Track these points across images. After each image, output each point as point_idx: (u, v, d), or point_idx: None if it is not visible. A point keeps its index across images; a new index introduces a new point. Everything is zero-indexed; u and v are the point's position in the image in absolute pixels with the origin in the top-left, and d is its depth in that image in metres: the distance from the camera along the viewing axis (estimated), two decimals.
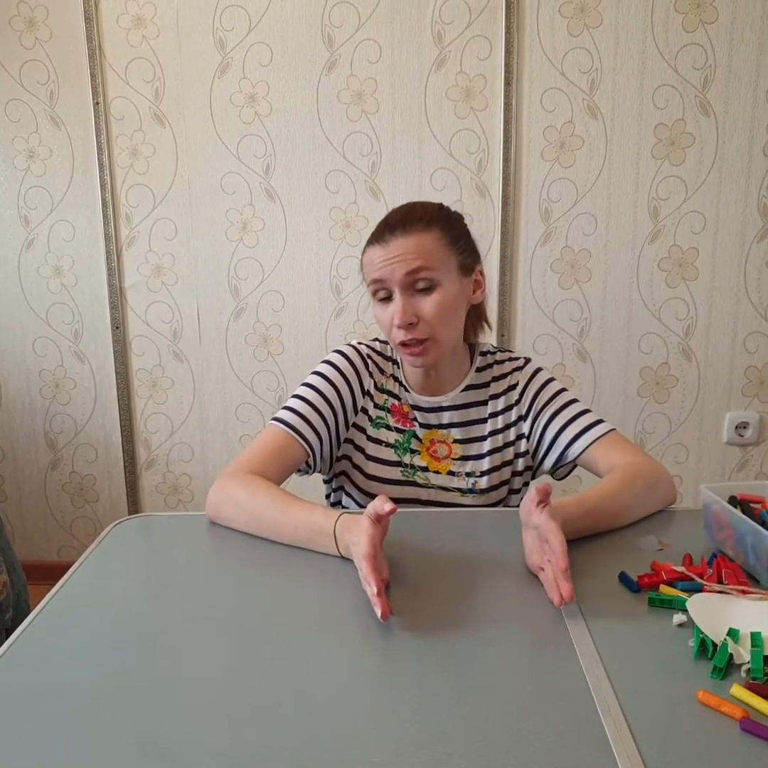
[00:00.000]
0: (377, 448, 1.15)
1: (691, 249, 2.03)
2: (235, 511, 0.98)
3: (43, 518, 2.37)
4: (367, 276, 1.08)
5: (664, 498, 1.05)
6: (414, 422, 1.15)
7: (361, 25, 1.97)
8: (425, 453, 1.15)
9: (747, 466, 2.16)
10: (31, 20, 2.05)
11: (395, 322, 1.04)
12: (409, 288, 1.04)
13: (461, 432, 1.16)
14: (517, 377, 1.17)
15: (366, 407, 1.15)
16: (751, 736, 0.58)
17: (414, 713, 0.61)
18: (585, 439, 1.11)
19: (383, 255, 1.04)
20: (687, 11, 1.90)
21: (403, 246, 1.03)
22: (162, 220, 2.13)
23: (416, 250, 1.03)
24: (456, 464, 1.15)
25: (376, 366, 1.17)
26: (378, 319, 1.09)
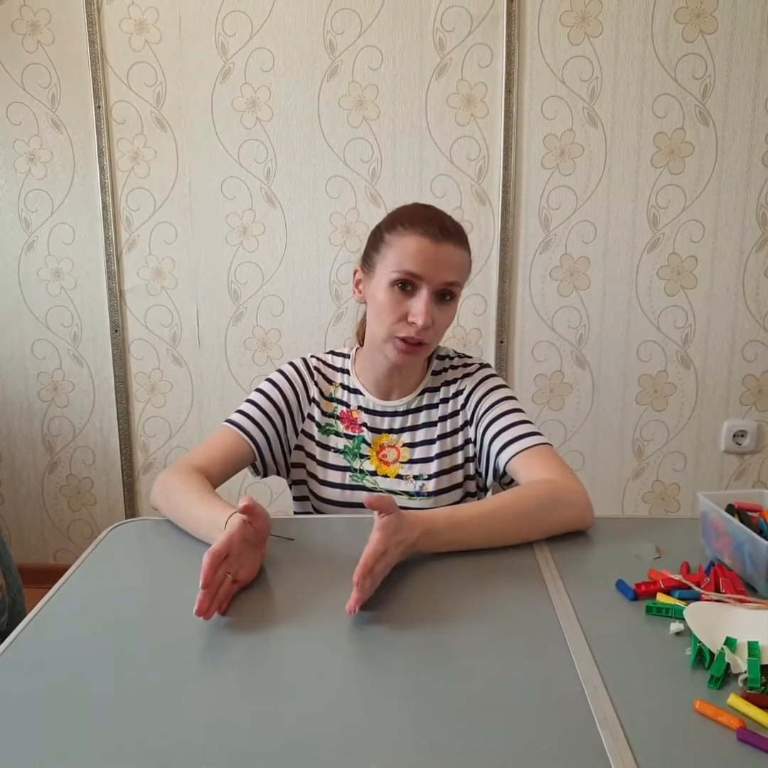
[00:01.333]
0: (325, 453, 1.18)
1: (689, 257, 2.04)
2: (166, 506, 1.04)
3: (39, 521, 2.37)
4: (398, 261, 1.04)
5: (564, 521, 0.98)
6: (362, 428, 1.17)
7: (363, 31, 1.98)
8: (375, 457, 1.17)
9: (745, 475, 2.16)
10: (34, 24, 2.05)
11: (417, 321, 1.02)
12: (435, 293, 1.04)
13: (411, 435, 1.17)
14: (465, 382, 1.17)
15: (312, 414, 1.19)
16: (748, 747, 0.57)
17: (410, 722, 0.61)
18: (511, 449, 1.08)
19: (434, 254, 1.03)
20: (687, 21, 1.91)
21: (453, 255, 1.05)
22: (162, 223, 2.13)
23: (459, 264, 1.06)
24: (404, 467, 1.16)
25: (323, 377, 1.21)
26: (384, 304, 1.05)
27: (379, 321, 1.08)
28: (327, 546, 0.97)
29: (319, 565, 0.90)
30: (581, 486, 1.01)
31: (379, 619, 0.78)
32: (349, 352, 1.23)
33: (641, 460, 2.17)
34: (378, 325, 1.08)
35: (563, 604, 0.80)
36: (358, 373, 1.19)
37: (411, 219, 1.06)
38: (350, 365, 1.21)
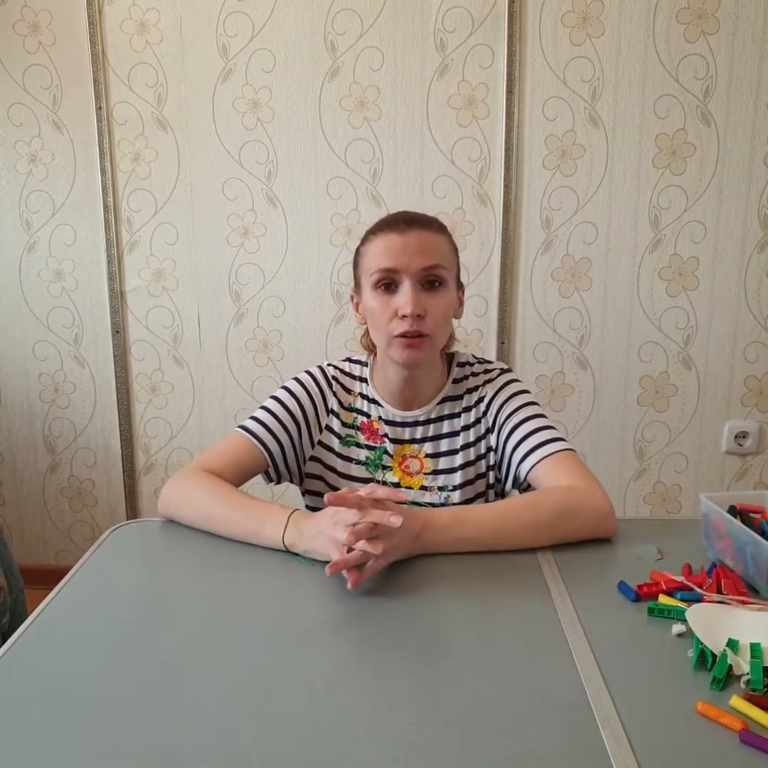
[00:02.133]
0: (347, 465, 1.16)
1: (691, 258, 2.04)
2: (185, 508, 1.02)
3: (41, 522, 2.37)
4: (371, 264, 1.05)
5: (583, 529, 0.96)
6: (384, 438, 1.15)
7: (364, 32, 1.98)
8: (397, 468, 1.15)
9: (746, 476, 2.16)
10: (35, 25, 2.05)
11: (405, 311, 1.01)
12: (418, 282, 1.03)
13: (434, 446, 1.15)
14: (486, 389, 1.15)
15: (331, 425, 1.17)
16: (751, 748, 0.57)
17: (411, 723, 0.61)
18: (534, 456, 1.06)
19: (400, 243, 1.02)
20: (689, 22, 1.91)
21: (423, 239, 1.03)
22: (163, 224, 2.13)
23: (435, 247, 1.04)
24: (428, 479, 1.14)
25: (341, 386, 1.18)
26: (375, 309, 1.05)
27: (376, 328, 1.08)
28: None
29: (322, 565, 0.90)
30: (605, 493, 0.99)
31: (379, 619, 0.78)
32: (366, 359, 1.20)
33: (643, 461, 2.17)
34: (377, 333, 1.08)
35: (565, 605, 0.80)
36: (376, 383, 1.17)
37: (378, 224, 1.08)
38: (368, 373, 1.18)
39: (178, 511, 1.03)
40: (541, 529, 0.95)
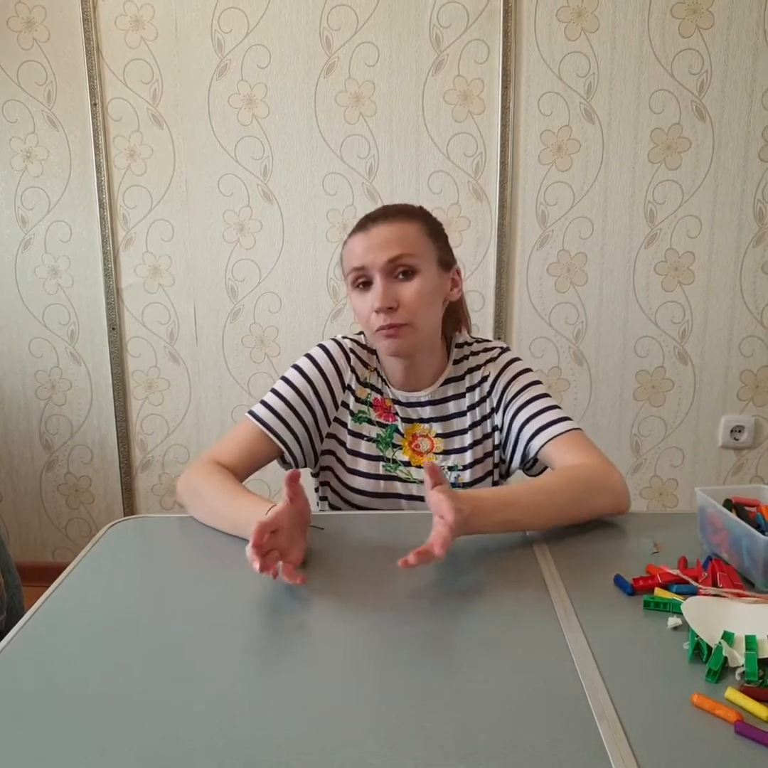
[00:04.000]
0: (357, 441, 1.16)
1: (687, 253, 2.04)
2: (198, 505, 1.03)
3: (37, 519, 2.37)
4: (347, 265, 1.09)
5: (603, 505, 1.00)
6: (396, 416, 1.16)
7: (360, 27, 1.97)
8: (407, 447, 1.16)
9: (742, 470, 2.17)
10: (29, 21, 2.05)
11: (375, 305, 1.04)
12: (389, 275, 1.04)
13: (442, 426, 1.16)
14: (489, 368, 1.16)
15: (347, 402, 1.16)
16: (746, 740, 0.58)
17: (410, 716, 0.61)
18: (544, 435, 1.08)
19: (365, 241, 1.05)
20: (683, 17, 1.91)
21: (385, 233, 1.04)
22: (159, 221, 2.13)
23: (398, 237, 1.05)
24: (438, 458, 1.15)
25: (359, 360, 1.17)
26: (356, 308, 1.09)
27: (362, 326, 1.11)
28: (329, 542, 0.97)
29: (319, 562, 0.90)
30: (618, 471, 1.03)
31: (379, 617, 0.78)
32: None
33: (639, 456, 2.17)
34: (364, 330, 1.12)
35: (561, 599, 0.80)
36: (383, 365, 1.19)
37: (353, 228, 1.10)
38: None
39: (186, 504, 1.05)
40: (576, 506, 0.98)
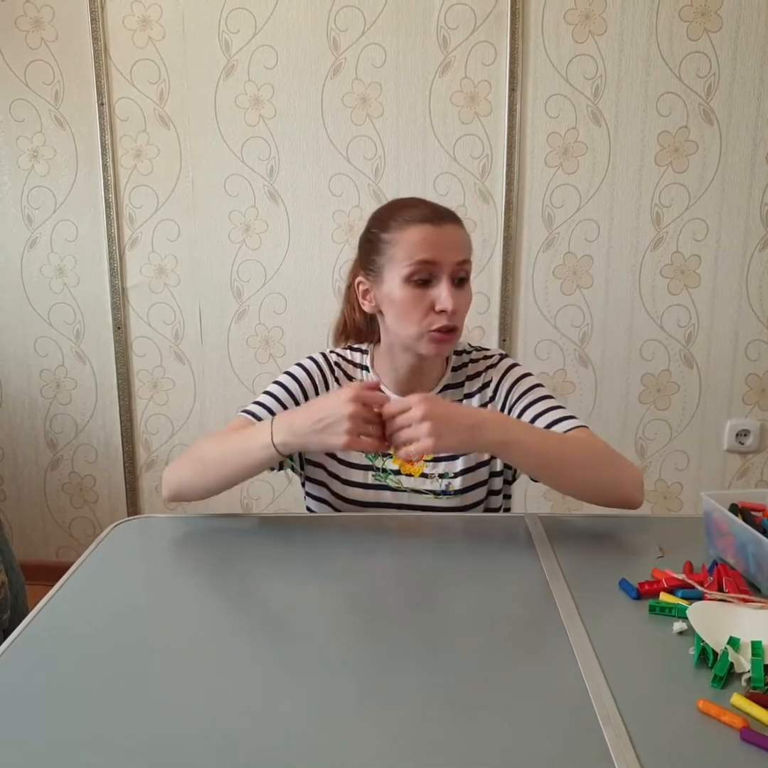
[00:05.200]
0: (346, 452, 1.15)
1: (693, 256, 2.03)
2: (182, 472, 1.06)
3: (42, 518, 2.37)
4: (407, 254, 1.03)
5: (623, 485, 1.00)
6: None
7: (367, 29, 1.97)
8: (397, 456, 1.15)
9: (747, 474, 2.16)
10: (37, 20, 2.05)
11: (447, 307, 1.01)
12: (451, 277, 1.04)
13: None
14: (491, 374, 1.16)
15: None
16: (752, 746, 0.57)
17: (412, 719, 0.61)
18: (555, 430, 1.08)
19: (437, 236, 1.03)
20: (691, 19, 1.91)
21: (457, 234, 1.05)
22: (165, 221, 2.13)
23: (465, 241, 1.07)
24: (429, 466, 1.14)
25: (343, 373, 1.18)
26: (406, 302, 1.04)
27: (404, 321, 1.06)
28: (332, 542, 0.97)
29: (320, 562, 0.90)
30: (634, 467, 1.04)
31: (379, 616, 0.78)
32: (367, 347, 1.20)
33: (644, 459, 2.17)
34: (404, 325, 1.06)
35: (566, 603, 0.80)
36: (378, 371, 1.17)
37: (402, 212, 1.06)
38: (368, 361, 1.19)
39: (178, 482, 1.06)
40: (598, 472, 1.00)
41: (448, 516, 1.09)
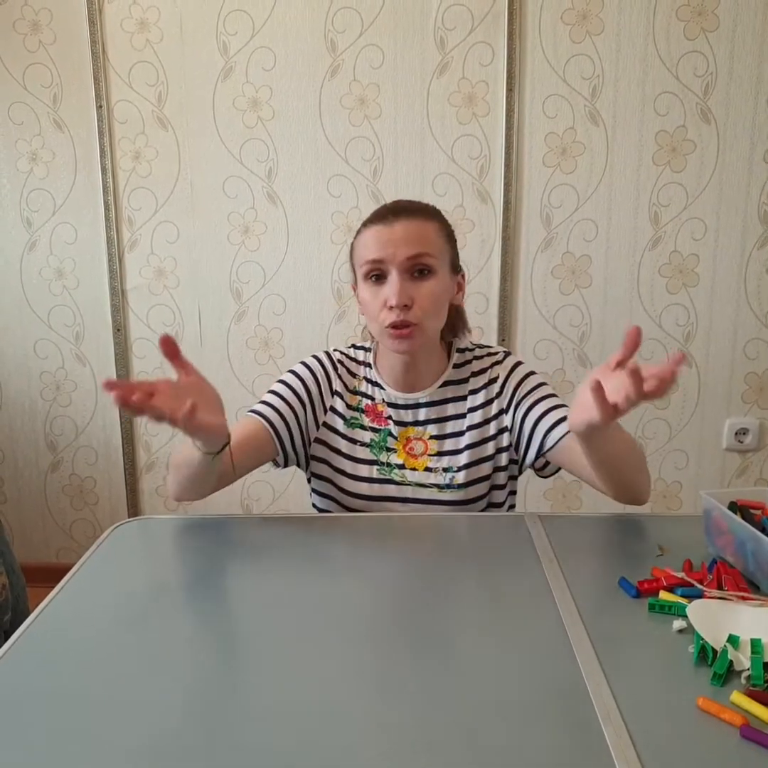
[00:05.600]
0: (351, 446, 1.17)
1: (691, 255, 2.04)
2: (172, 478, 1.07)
3: (42, 520, 2.37)
4: (361, 256, 1.08)
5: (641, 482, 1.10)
6: (388, 421, 1.17)
7: (364, 30, 1.98)
8: (402, 450, 1.16)
9: (747, 472, 2.16)
10: (35, 23, 2.05)
11: (391, 302, 1.04)
12: (406, 272, 1.05)
13: (438, 428, 1.16)
14: (497, 371, 1.17)
15: (335, 406, 1.18)
16: (751, 744, 0.58)
17: (412, 719, 0.61)
18: (561, 428, 1.08)
19: (387, 235, 1.04)
20: (688, 19, 1.91)
21: (407, 229, 1.05)
22: (164, 223, 2.13)
23: (420, 235, 1.05)
24: (432, 460, 1.15)
25: (346, 370, 1.20)
26: (366, 301, 1.09)
27: (368, 319, 1.11)
28: (333, 542, 0.97)
29: (319, 563, 0.91)
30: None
31: (379, 615, 0.78)
32: (371, 345, 1.22)
33: None
34: (369, 323, 1.12)
35: (566, 601, 0.80)
36: (379, 367, 1.19)
37: (369, 217, 1.11)
38: (371, 358, 1.21)
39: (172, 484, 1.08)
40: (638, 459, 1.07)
41: (447, 515, 1.09)
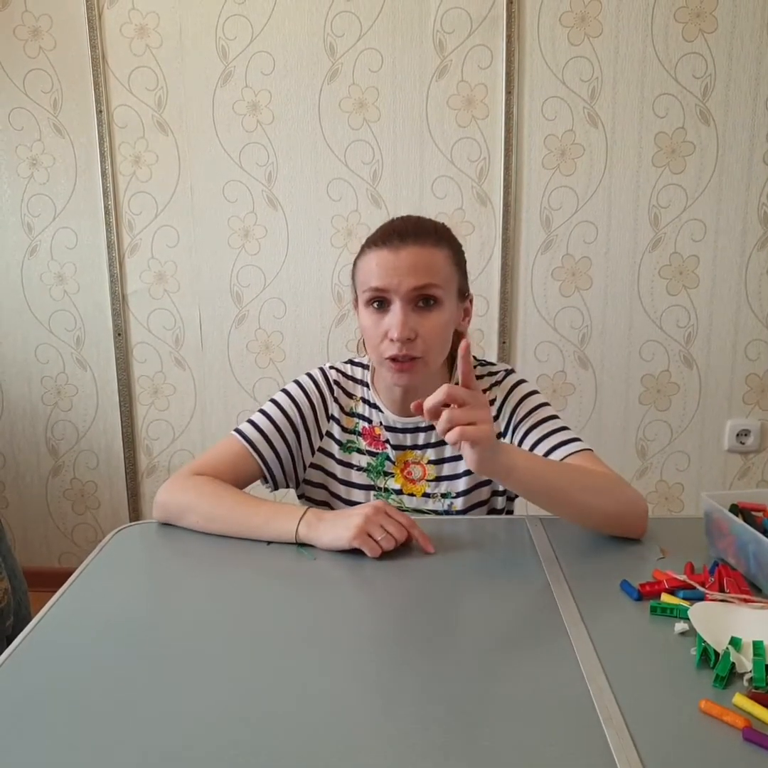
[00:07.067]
0: (347, 471, 1.14)
1: (691, 257, 2.04)
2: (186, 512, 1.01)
3: (44, 525, 2.37)
4: (364, 280, 1.02)
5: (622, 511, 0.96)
6: (386, 444, 1.13)
7: (363, 34, 1.98)
8: (399, 475, 1.13)
9: (748, 474, 2.16)
10: (36, 29, 2.06)
11: (393, 335, 0.98)
12: (410, 302, 0.99)
13: (437, 452, 1.12)
14: (495, 392, 1.12)
15: (331, 431, 1.14)
16: (754, 746, 0.57)
17: (414, 722, 0.61)
18: (558, 453, 1.05)
19: (392, 262, 0.98)
20: (687, 21, 1.91)
21: (415, 257, 0.98)
22: (164, 227, 2.14)
23: (427, 264, 0.99)
24: (431, 485, 1.12)
25: (342, 391, 1.15)
26: (366, 328, 1.03)
27: (369, 346, 1.06)
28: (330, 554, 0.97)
29: (323, 566, 0.91)
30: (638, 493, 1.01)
31: (381, 619, 0.78)
32: (368, 362, 1.16)
33: (644, 460, 2.17)
34: (370, 351, 1.06)
35: (568, 604, 0.80)
36: (377, 388, 1.14)
37: (374, 236, 1.03)
38: (369, 377, 1.15)
39: (178, 517, 1.02)
40: (598, 495, 0.95)
41: (449, 519, 1.09)
